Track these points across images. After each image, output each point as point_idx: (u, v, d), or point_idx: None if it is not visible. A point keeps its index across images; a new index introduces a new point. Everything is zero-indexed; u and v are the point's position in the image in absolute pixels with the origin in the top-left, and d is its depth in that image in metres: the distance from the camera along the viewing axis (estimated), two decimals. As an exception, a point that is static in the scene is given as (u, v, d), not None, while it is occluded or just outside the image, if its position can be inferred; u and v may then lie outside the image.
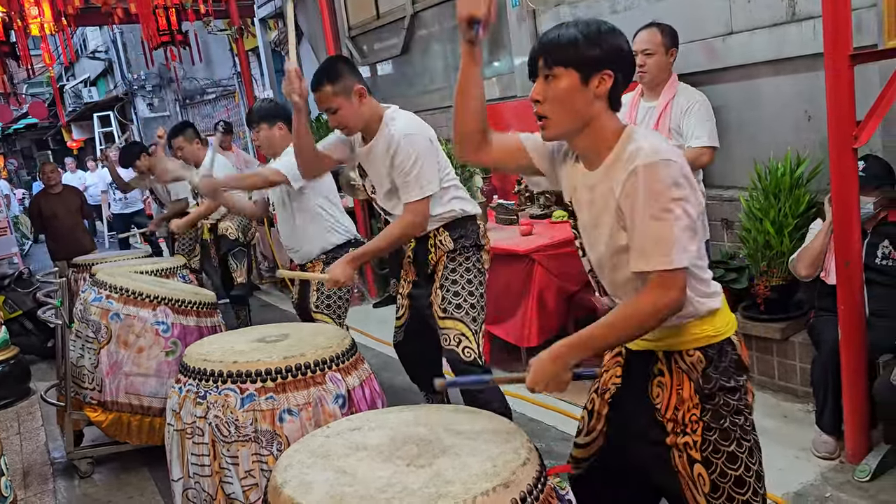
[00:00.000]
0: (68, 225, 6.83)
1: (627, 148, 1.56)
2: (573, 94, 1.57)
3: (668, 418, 1.67)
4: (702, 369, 1.64)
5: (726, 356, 1.66)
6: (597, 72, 1.56)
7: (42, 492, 3.31)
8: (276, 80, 9.95)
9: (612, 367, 1.85)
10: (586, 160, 1.67)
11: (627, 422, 1.79)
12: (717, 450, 1.63)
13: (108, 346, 3.30)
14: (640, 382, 1.74)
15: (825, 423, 2.88)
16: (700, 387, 1.64)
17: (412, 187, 2.64)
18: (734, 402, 1.65)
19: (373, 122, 2.71)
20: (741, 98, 3.68)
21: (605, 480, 1.89)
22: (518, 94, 5.27)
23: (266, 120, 3.38)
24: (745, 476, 1.64)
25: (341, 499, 1.27)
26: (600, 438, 1.85)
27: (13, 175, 23.50)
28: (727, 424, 1.63)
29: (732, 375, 1.65)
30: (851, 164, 2.62)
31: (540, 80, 1.61)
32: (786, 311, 3.41)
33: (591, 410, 1.88)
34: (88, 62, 18.94)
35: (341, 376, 2.19)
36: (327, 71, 2.67)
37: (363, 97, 2.67)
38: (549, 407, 3.67)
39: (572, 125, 1.61)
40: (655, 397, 1.70)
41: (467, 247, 2.81)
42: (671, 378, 1.68)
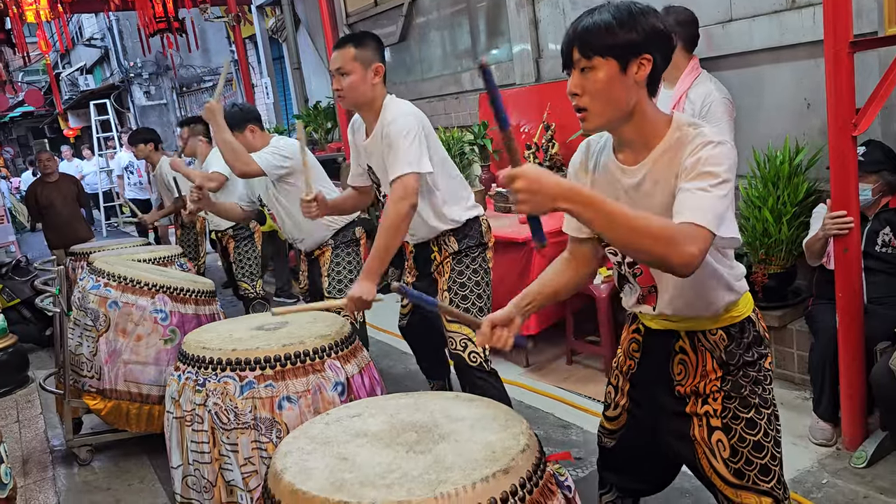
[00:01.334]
0: (65, 213, 6.82)
1: (686, 130, 1.53)
2: (613, 83, 1.51)
3: (689, 388, 1.73)
4: (724, 346, 1.70)
5: (748, 333, 1.72)
6: (635, 57, 1.50)
7: (42, 479, 3.32)
8: (273, 69, 9.91)
9: (628, 343, 1.91)
10: (631, 150, 1.61)
11: (647, 396, 1.86)
12: (737, 416, 1.69)
13: (107, 334, 3.29)
14: (661, 360, 1.79)
15: (822, 410, 2.89)
16: (724, 362, 1.70)
17: (399, 161, 2.51)
18: (753, 373, 1.71)
19: (375, 108, 2.68)
20: (740, 86, 3.67)
21: (631, 451, 1.98)
22: (517, 82, 5.25)
23: (236, 127, 3.35)
24: (764, 441, 1.69)
25: (341, 485, 1.27)
26: (625, 413, 1.94)
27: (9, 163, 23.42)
28: (746, 393, 1.69)
29: (753, 349, 1.71)
30: (851, 152, 2.61)
31: (576, 72, 1.55)
32: (784, 298, 3.42)
33: (616, 386, 1.96)
34: (84, 50, 18.85)
35: (340, 364, 2.20)
36: (358, 36, 2.68)
37: (378, 75, 2.63)
38: (548, 394, 3.68)
39: (614, 116, 1.56)
40: (678, 374, 1.75)
41: (472, 247, 2.78)
42: (695, 356, 1.73)
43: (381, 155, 2.65)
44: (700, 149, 1.48)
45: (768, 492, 1.69)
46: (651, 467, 2.01)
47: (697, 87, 3.20)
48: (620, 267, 1.78)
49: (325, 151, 7.29)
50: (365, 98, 2.66)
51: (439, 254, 2.81)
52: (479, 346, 2.70)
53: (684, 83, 3.23)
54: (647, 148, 1.58)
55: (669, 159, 1.54)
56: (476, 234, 2.80)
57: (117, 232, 13.16)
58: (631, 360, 1.90)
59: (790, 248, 3.30)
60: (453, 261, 2.78)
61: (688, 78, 3.22)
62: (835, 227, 2.67)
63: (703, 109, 3.15)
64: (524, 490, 1.28)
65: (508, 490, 1.25)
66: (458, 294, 2.75)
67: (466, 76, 5.90)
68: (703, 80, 3.21)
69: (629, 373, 1.90)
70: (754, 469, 1.68)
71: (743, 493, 1.69)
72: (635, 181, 1.61)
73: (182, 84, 15.73)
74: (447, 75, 6.18)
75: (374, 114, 2.69)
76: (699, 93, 3.18)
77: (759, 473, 1.69)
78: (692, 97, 3.19)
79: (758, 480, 1.69)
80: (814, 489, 2.61)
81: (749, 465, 1.68)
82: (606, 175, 1.68)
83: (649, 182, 1.58)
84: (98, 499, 3.17)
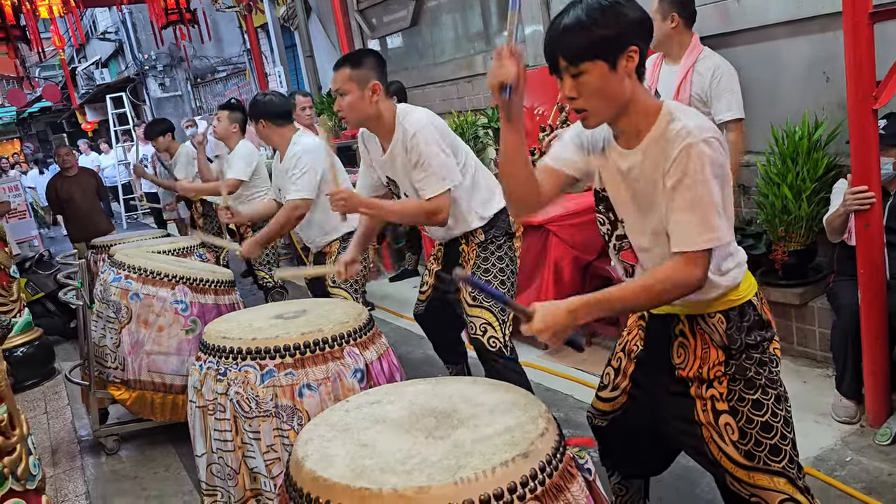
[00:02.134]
0: (85, 207, 6.89)
1: (671, 126, 1.53)
2: (605, 82, 1.53)
3: (692, 372, 1.73)
4: (724, 330, 1.69)
5: (747, 317, 1.70)
6: (622, 52, 1.52)
7: (70, 469, 3.38)
8: (286, 57, 9.91)
9: (634, 329, 1.93)
10: (625, 138, 1.64)
11: (651, 380, 1.87)
12: (743, 398, 1.69)
13: (129, 326, 3.34)
14: (662, 344, 1.80)
15: (845, 387, 2.86)
16: (726, 346, 1.69)
17: (432, 180, 2.56)
18: (757, 355, 1.70)
19: (386, 122, 2.66)
20: (757, 61, 3.61)
21: (626, 435, 1.99)
22: (529, 64, 5.21)
23: (251, 118, 3.51)
24: (772, 421, 1.69)
25: (362, 471, 1.28)
26: (624, 395, 1.94)
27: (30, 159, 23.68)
28: (751, 374, 1.69)
29: (755, 332, 1.70)
30: (871, 126, 2.57)
31: (567, 77, 1.56)
32: (804, 276, 3.38)
33: (617, 368, 1.97)
34: (99, 43, 18.96)
35: (359, 351, 2.21)
36: (354, 56, 2.68)
37: (376, 93, 2.62)
38: (567, 377, 3.68)
39: (613, 110, 1.59)
40: (678, 358, 1.76)
41: (498, 236, 2.79)
42: (694, 339, 1.74)
43: (404, 168, 2.66)
44: (682, 158, 1.50)
45: (780, 472, 1.68)
46: (645, 451, 2.00)
47: (704, 60, 3.27)
48: (609, 238, 1.80)
49: (340, 139, 7.29)
50: (366, 116, 2.66)
51: (466, 245, 2.83)
52: (499, 332, 2.71)
53: (689, 59, 3.28)
54: (640, 134, 1.60)
55: (657, 152, 1.56)
56: (504, 224, 2.81)
57: (137, 224, 13.29)
58: (635, 345, 1.91)
59: (810, 225, 3.26)
60: (479, 249, 2.79)
61: (692, 54, 3.28)
62: (856, 203, 2.63)
63: (714, 81, 3.21)
64: (544, 474, 1.28)
65: (528, 474, 1.26)
66: (480, 279, 2.75)
67: (479, 59, 5.86)
68: (708, 55, 3.29)
69: (634, 355, 1.91)
70: (764, 450, 1.68)
71: (755, 474, 1.69)
72: (627, 166, 1.63)
73: (196, 75, 15.78)
74: (459, 58, 6.14)
75: (386, 128, 2.68)
76: (707, 66, 3.24)
77: (769, 454, 1.68)
78: (700, 70, 3.24)
79: (768, 461, 1.68)
80: (837, 467, 2.59)
81: (759, 446, 1.68)
82: (604, 159, 1.71)
83: (638, 169, 1.61)
84: (125, 487, 3.23)
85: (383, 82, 2.66)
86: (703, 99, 3.26)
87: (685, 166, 1.49)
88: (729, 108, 3.22)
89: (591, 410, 2.05)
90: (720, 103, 3.23)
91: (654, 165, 1.56)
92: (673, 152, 1.51)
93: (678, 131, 1.51)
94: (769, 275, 3.45)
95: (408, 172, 2.65)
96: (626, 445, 2.02)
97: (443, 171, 2.56)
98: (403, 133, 2.61)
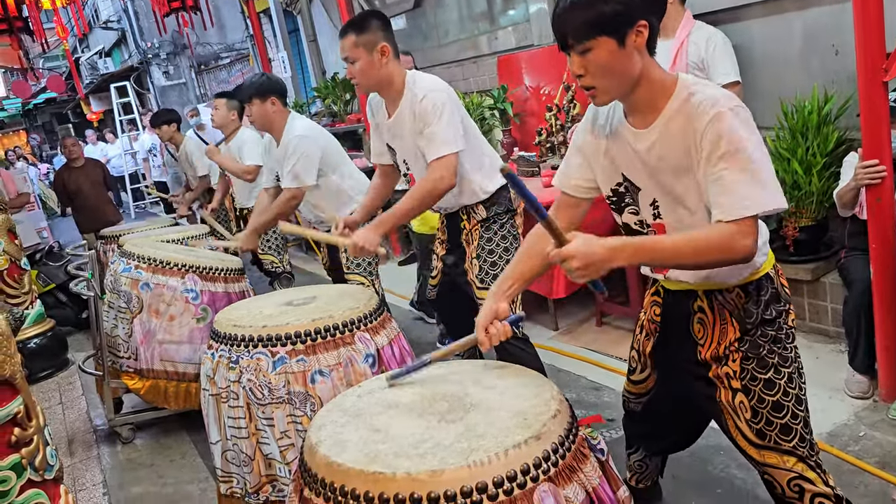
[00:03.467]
0: (93, 197, 6.90)
1: (693, 100, 1.50)
2: (614, 58, 1.49)
3: (710, 352, 1.73)
4: (742, 304, 1.68)
5: (765, 290, 1.70)
6: (630, 27, 1.48)
7: (87, 458, 3.41)
8: (289, 42, 9.86)
9: (650, 307, 1.91)
10: (639, 116, 1.60)
11: (671, 358, 1.86)
12: (755, 377, 1.69)
13: (141, 316, 3.35)
14: (681, 320, 1.79)
15: (858, 362, 2.85)
16: (742, 320, 1.69)
17: (438, 142, 2.52)
18: (772, 332, 1.69)
19: (395, 85, 2.63)
20: (766, 35, 3.57)
21: (658, 414, 2.00)
22: (535, 43, 5.17)
23: (258, 95, 3.36)
24: (783, 401, 1.69)
25: (375, 456, 1.29)
26: (652, 376, 1.95)
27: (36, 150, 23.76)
28: (764, 353, 1.68)
29: (772, 306, 1.69)
30: (881, 99, 2.53)
31: (575, 53, 1.53)
32: (816, 251, 3.36)
33: (639, 350, 1.96)
34: (102, 33, 18.92)
35: (370, 336, 2.21)
36: (358, 21, 2.62)
37: (385, 55, 2.58)
38: (579, 357, 3.68)
39: (623, 87, 1.55)
40: (698, 334, 1.75)
41: (500, 213, 2.76)
42: (713, 314, 1.73)
43: (411, 134, 2.62)
44: (714, 126, 1.46)
45: (790, 451, 1.68)
46: (677, 427, 2.02)
47: (698, 31, 3.38)
48: (642, 226, 1.76)
49: (345, 123, 7.27)
50: (379, 80, 2.62)
51: (468, 222, 2.80)
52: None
53: (684, 31, 3.37)
54: (655, 110, 1.57)
55: (682, 125, 1.52)
56: (505, 200, 2.78)
57: (145, 213, 13.33)
58: (653, 324, 1.90)
59: (821, 200, 3.23)
60: (482, 228, 2.77)
61: (685, 28, 3.38)
62: (867, 177, 2.61)
63: (710, 47, 3.33)
64: (557, 455, 1.29)
65: (541, 456, 1.26)
66: (486, 261, 2.75)
67: (484, 39, 5.81)
68: (701, 26, 3.41)
69: (654, 336, 1.90)
70: (775, 429, 1.68)
71: (766, 452, 1.70)
72: (647, 144, 1.59)
73: (200, 62, 15.71)
74: (464, 39, 6.10)
75: (395, 92, 2.64)
76: (702, 35, 3.36)
77: (779, 433, 1.68)
78: (695, 39, 3.36)
79: (779, 440, 1.68)
80: (850, 442, 2.59)
81: (769, 425, 1.68)
82: (619, 140, 1.67)
83: (660, 147, 1.57)
84: (142, 475, 3.26)
85: (391, 43, 2.62)
86: (701, 66, 3.34)
87: (720, 134, 1.45)
88: (726, 72, 3.32)
89: (626, 394, 2.06)
90: (717, 68, 3.32)
91: (678, 141, 1.52)
92: (701, 125, 1.47)
93: (701, 103, 1.48)
94: (780, 251, 3.43)
95: (414, 136, 2.61)
96: (657, 424, 2.03)
97: (448, 134, 2.52)
98: (413, 97, 2.59)
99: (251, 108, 3.41)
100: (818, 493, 1.68)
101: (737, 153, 1.44)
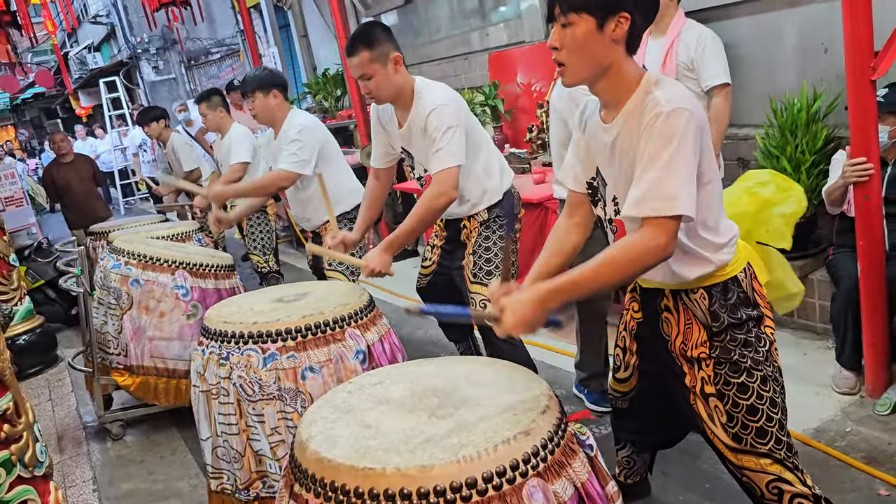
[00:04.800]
0: (82, 193, 6.87)
1: (649, 96, 1.52)
2: (589, 39, 1.53)
3: (679, 354, 1.74)
4: (706, 307, 1.69)
5: (731, 293, 1.70)
6: (612, 15, 1.51)
7: (77, 454, 3.40)
8: (280, 37, 9.83)
9: (629, 304, 1.94)
10: (607, 110, 1.64)
11: (652, 355, 1.88)
12: (728, 382, 1.70)
13: (131, 312, 3.34)
14: (653, 318, 1.82)
15: (845, 358, 2.88)
16: (708, 324, 1.69)
17: (441, 156, 2.52)
18: (741, 335, 1.69)
19: (406, 94, 2.63)
20: (754, 33, 3.59)
21: (644, 412, 2.01)
22: (526, 40, 5.17)
23: (261, 88, 3.34)
24: (758, 404, 1.69)
25: (366, 451, 1.29)
26: (635, 374, 1.96)
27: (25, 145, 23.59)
28: (736, 357, 1.69)
29: (740, 310, 1.69)
30: (870, 97, 2.55)
31: (556, 26, 1.57)
32: (804, 248, 3.38)
33: (623, 347, 1.98)
34: (91, 27, 18.77)
35: (360, 332, 2.21)
36: (366, 36, 2.58)
37: (399, 65, 2.58)
38: (569, 353, 3.69)
39: (590, 71, 1.58)
40: (665, 331, 1.78)
41: (501, 216, 2.78)
42: (677, 314, 1.74)
43: (422, 143, 2.63)
44: (650, 126, 1.48)
45: (767, 454, 1.70)
46: (663, 424, 2.03)
47: (689, 30, 3.36)
48: (603, 224, 1.79)
49: (336, 119, 7.26)
50: (395, 91, 2.61)
51: (469, 222, 2.82)
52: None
53: (674, 29, 3.36)
54: (620, 104, 1.59)
55: (634, 123, 1.54)
56: (507, 205, 2.80)
57: (135, 210, 13.27)
58: (633, 321, 1.92)
59: (809, 197, 3.24)
60: (482, 227, 2.79)
61: (677, 25, 3.37)
62: (854, 175, 2.63)
63: (699, 48, 3.30)
64: (546, 451, 1.30)
65: (530, 451, 1.27)
66: (482, 257, 2.76)
67: (475, 36, 5.81)
68: (693, 25, 3.38)
69: (633, 332, 1.93)
70: (750, 433, 1.69)
71: (743, 456, 1.71)
72: (610, 139, 1.62)
73: (190, 57, 15.63)
74: (456, 35, 6.10)
75: (406, 101, 2.64)
76: (692, 35, 3.34)
77: (755, 436, 1.69)
78: (685, 38, 3.33)
79: (755, 443, 1.70)
80: (837, 438, 2.61)
81: (745, 429, 1.69)
82: (593, 133, 1.70)
83: (620, 142, 1.60)
84: (132, 471, 3.25)
85: (399, 50, 2.63)
86: (690, 67, 3.33)
87: (651, 134, 1.48)
88: (716, 75, 3.29)
89: (612, 392, 2.07)
90: (707, 70, 3.30)
91: (634, 137, 1.54)
92: (644, 121, 1.50)
93: (654, 100, 1.51)
94: (768, 248, 3.45)
95: (426, 146, 2.61)
96: (644, 421, 2.04)
97: (452, 148, 2.52)
98: (421, 110, 2.58)
99: (253, 101, 3.38)
100: (797, 494, 1.69)
101: (658, 155, 1.46)
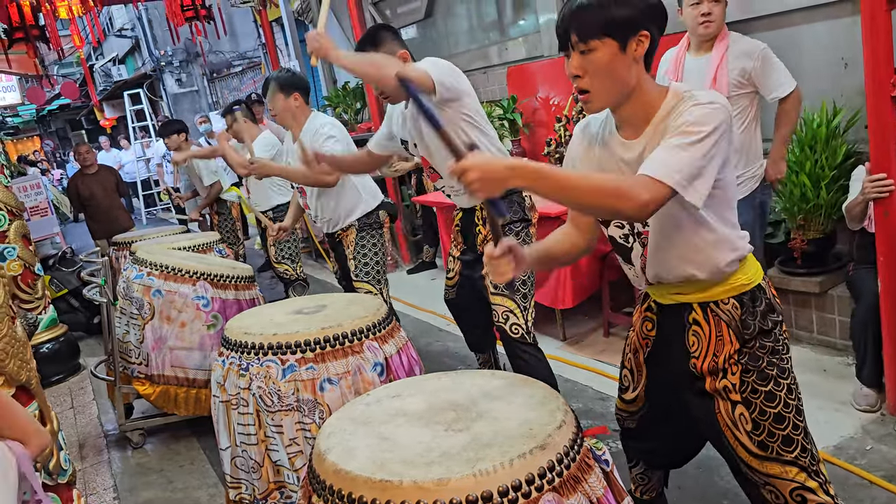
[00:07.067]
0: (106, 204, 6.97)
1: (685, 97, 1.53)
2: (614, 63, 1.53)
3: (708, 365, 1.73)
4: (738, 316, 1.69)
5: (760, 301, 1.71)
6: (634, 34, 1.52)
7: (98, 462, 3.45)
8: (301, 50, 9.93)
9: (641, 324, 1.91)
10: (630, 128, 1.63)
11: (667, 374, 1.86)
12: (756, 390, 1.69)
13: (152, 322, 3.39)
14: (676, 334, 1.79)
15: (866, 375, 2.85)
16: (740, 332, 1.69)
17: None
18: (770, 343, 1.70)
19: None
20: (774, 47, 3.55)
21: (654, 431, 2.00)
22: (545, 54, 5.19)
23: (282, 90, 3.35)
24: (784, 412, 1.70)
25: (383, 464, 1.31)
26: (644, 393, 1.94)
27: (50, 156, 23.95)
28: (764, 365, 1.69)
29: (768, 317, 1.70)
30: (890, 113, 2.54)
31: (575, 53, 1.55)
32: (824, 264, 3.36)
33: (631, 368, 1.96)
34: (116, 40, 19.09)
35: (378, 344, 2.23)
36: (371, 38, 2.64)
37: (407, 61, 2.61)
38: (586, 367, 3.69)
39: (617, 94, 1.57)
40: (692, 347, 1.75)
41: (516, 221, 2.78)
42: (708, 326, 1.73)
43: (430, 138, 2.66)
44: (688, 109, 1.49)
45: (793, 461, 1.70)
46: (675, 443, 2.02)
47: (736, 44, 3.16)
48: (627, 239, 1.76)
49: (356, 132, 7.32)
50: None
51: (483, 227, 2.83)
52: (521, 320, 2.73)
53: (721, 45, 3.17)
54: (646, 122, 1.59)
55: (664, 127, 1.54)
56: (519, 209, 2.81)
57: (157, 220, 13.42)
58: (646, 339, 1.90)
59: (829, 213, 3.24)
60: None
61: (723, 40, 3.18)
62: (874, 190, 2.62)
63: (756, 62, 3.10)
64: (561, 465, 1.30)
65: (546, 466, 1.28)
66: None
67: (494, 50, 5.84)
68: (737, 38, 3.19)
69: (645, 352, 1.90)
70: (777, 441, 1.69)
71: (768, 463, 1.71)
72: (635, 155, 1.61)
73: (212, 70, 15.84)
74: (474, 50, 6.13)
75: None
76: (742, 48, 3.13)
77: (782, 444, 1.69)
78: (736, 52, 3.13)
79: (781, 451, 1.69)
80: (857, 455, 2.59)
81: (771, 437, 1.69)
82: (607, 150, 1.70)
83: (648, 151, 1.58)
84: (152, 480, 3.29)
85: (406, 48, 2.65)
86: (745, 80, 3.14)
87: (686, 117, 1.48)
88: (780, 84, 3.11)
89: (619, 412, 2.06)
90: (770, 81, 3.12)
91: (661, 137, 1.54)
92: (680, 110, 1.51)
93: (686, 98, 1.52)
94: (788, 263, 3.44)
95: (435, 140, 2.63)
96: (655, 440, 2.03)
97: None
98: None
99: (274, 101, 3.37)
100: (820, 503, 1.69)
101: (689, 133, 1.46)
